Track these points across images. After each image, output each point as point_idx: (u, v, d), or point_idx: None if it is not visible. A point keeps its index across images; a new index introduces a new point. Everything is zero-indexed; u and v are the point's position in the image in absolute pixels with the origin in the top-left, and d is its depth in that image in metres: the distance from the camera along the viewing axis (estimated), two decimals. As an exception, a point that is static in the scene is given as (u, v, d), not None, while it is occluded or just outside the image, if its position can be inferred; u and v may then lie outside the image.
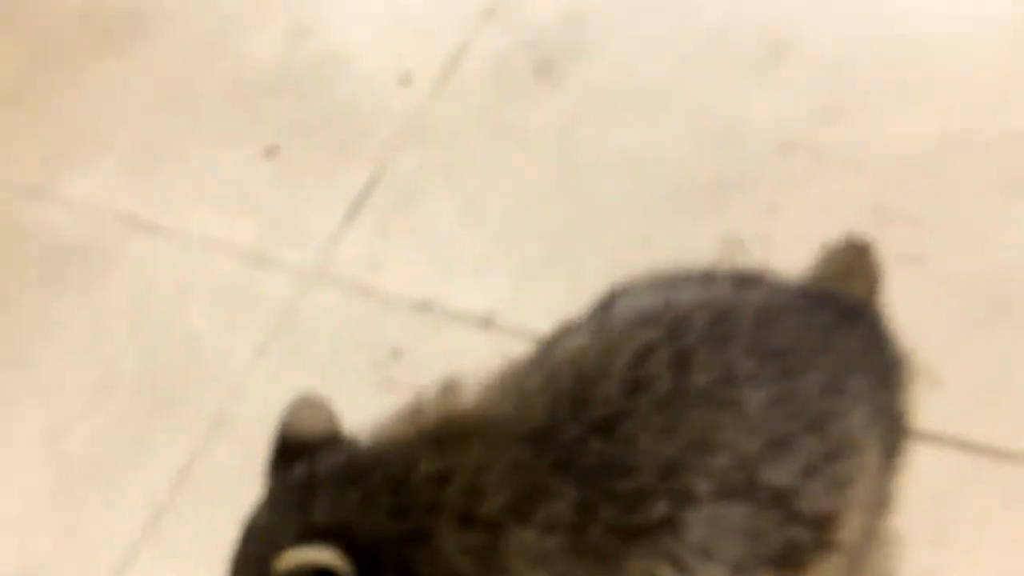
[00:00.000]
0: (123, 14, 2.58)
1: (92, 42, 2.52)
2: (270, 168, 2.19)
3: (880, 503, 1.15)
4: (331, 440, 1.11)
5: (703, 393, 1.00)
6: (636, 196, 1.99)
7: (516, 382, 1.09)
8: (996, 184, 1.84)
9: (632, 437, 0.99)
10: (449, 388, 1.11)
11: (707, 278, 1.14)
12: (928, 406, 1.33)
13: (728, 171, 1.97)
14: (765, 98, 2.06)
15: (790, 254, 1.51)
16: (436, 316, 1.89)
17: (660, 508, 0.98)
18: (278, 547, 1.02)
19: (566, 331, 1.13)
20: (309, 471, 1.07)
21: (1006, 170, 1.85)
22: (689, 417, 1.00)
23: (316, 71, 2.36)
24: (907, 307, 1.37)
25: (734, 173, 1.96)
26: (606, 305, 1.13)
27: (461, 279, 1.92)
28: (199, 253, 2.08)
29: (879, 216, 1.84)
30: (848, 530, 1.06)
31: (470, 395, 1.10)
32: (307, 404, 1.16)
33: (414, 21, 2.41)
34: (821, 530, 1.04)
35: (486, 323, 1.85)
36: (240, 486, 1.77)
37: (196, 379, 1.91)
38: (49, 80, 2.47)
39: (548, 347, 1.12)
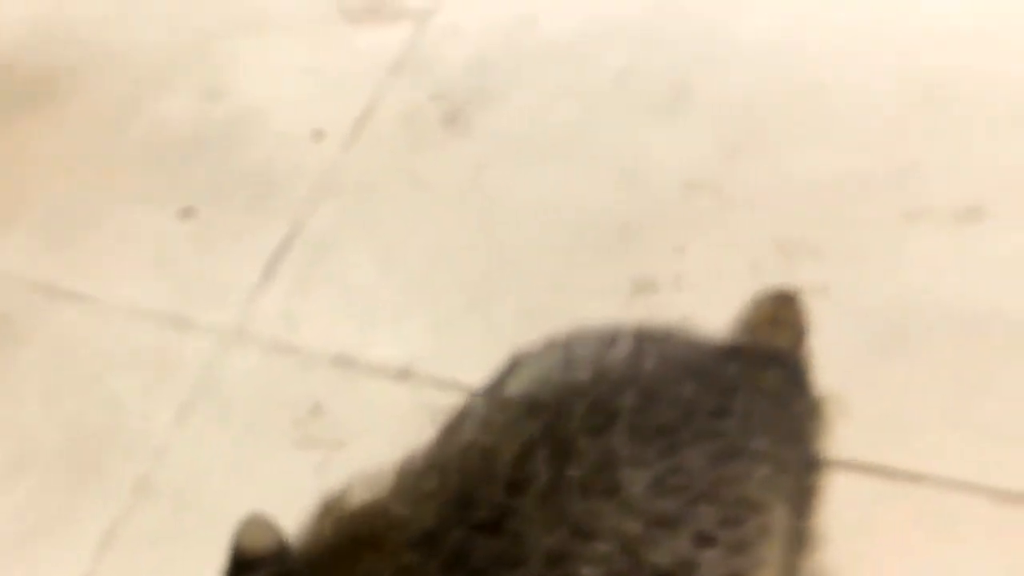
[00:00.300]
0: (34, 78, 2.58)
1: (6, 107, 2.52)
2: (186, 229, 2.20)
3: (799, 546, 1.18)
4: (276, 555, 1.14)
5: (582, 482, 1.03)
6: (548, 241, 2.03)
7: (411, 482, 1.12)
8: (892, 217, 1.92)
9: (518, 532, 1.03)
10: (347, 491, 1.14)
11: (608, 340, 1.16)
12: (839, 435, 1.37)
13: (636, 213, 2.02)
14: (669, 140, 2.12)
15: (699, 291, 1.56)
16: (355, 370, 1.91)
17: None
18: None
19: (461, 417, 1.16)
20: None
21: (900, 204, 1.93)
22: (571, 507, 1.03)
23: (229, 131, 2.38)
24: (813, 338, 1.42)
25: (641, 214, 2.02)
26: (503, 376, 1.16)
27: (379, 331, 1.94)
28: (117, 318, 2.08)
29: (782, 250, 1.90)
30: None
31: (365, 496, 1.13)
32: (255, 523, 1.20)
33: (324, 77, 2.44)
34: None
35: (404, 374, 1.87)
36: (164, 550, 1.78)
37: (118, 445, 1.90)
38: (-38, 147, 2.47)
39: (445, 437, 1.15)
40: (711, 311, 1.33)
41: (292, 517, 1.74)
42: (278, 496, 1.77)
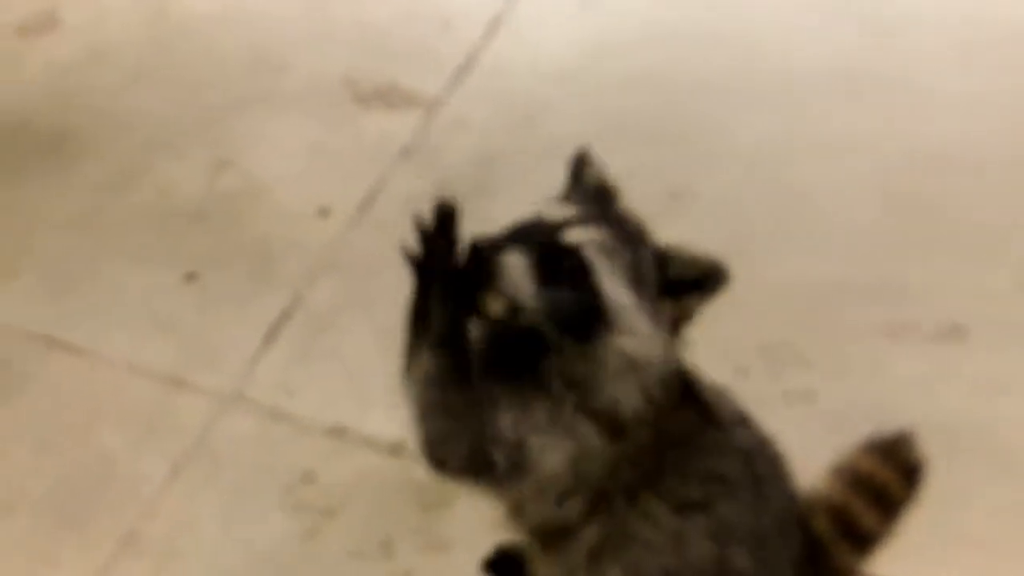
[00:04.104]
0: (47, 137, 2.64)
1: (14, 164, 2.57)
2: (189, 293, 2.24)
3: None
4: None
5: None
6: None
7: None
8: (876, 330, 1.99)
9: None
10: None
11: None
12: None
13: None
14: (661, 239, 2.19)
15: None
16: (349, 441, 1.95)
17: None
18: None
19: None
20: None
21: (884, 317, 2.01)
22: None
23: (235, 201, 2.44)
24: (792, 441, 1.49)
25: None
26: None
27: (374, 406, 1.98)
28: (115, 374, 2.11)
29: (768, 356, 1.98)
30: None
31: None
32: None
33: (332, 157, 2.52)
34: None
35: (397, 449, 1.91)
36: (147, 607, 1.79)
37: (106, 498, 1.93)
38: (-34, 199, 2.52)
39: None
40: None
41: (278, 581, 1.78)
42: (265, 559, 1.82)
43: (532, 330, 1.27)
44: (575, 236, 1.30)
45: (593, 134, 2.48)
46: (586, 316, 1.26)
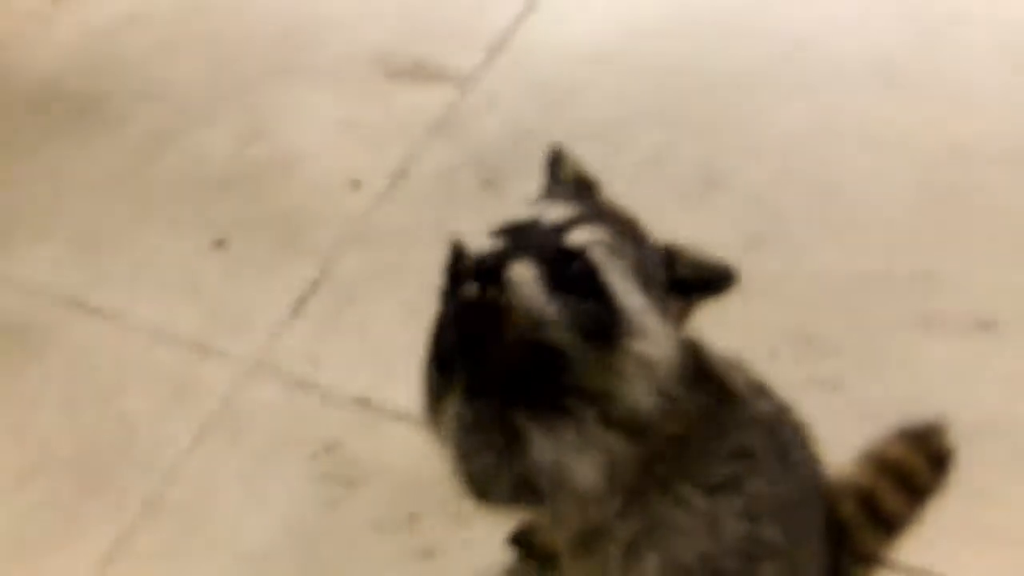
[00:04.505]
0: (79, 102, 2.64)
1: (46, 128, 2.57)
2: (217, 260, 2.24)
3: None
4: None
5: None
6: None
7: None
8: (907, 321, 1.97)
9: None
10: None
11: None
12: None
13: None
14: (695, 225, 2.14)
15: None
16: (375, 413, 1.94)
17: None
18: None
19: None
20: None
21: (915, 309, 1.99)
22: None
23: (266, 171, 2.44)
24: (818, 428, 1.49)
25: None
26: None
27: (401, 378, 1.95)
28: (141, 338, 2.11)
29: (799, 342, 1.96)
30: None
31: None
32: None
33: (363, 130, 2.51)
34: None
35: (422, 422, 1.90)
36: (166, 570, 1.79)
37: (130, 462, 1.93)
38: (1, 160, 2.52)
39: None
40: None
41: (300, 549, 1.78)
42: (287, 528, 1.82)
43: (550, 348, 1.23)
44: (579, 237, 1.26)
45: (625, 117, 2.50)
46: (606, 323, 1.23)
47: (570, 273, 1.23)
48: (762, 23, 2.65)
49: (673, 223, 2.17)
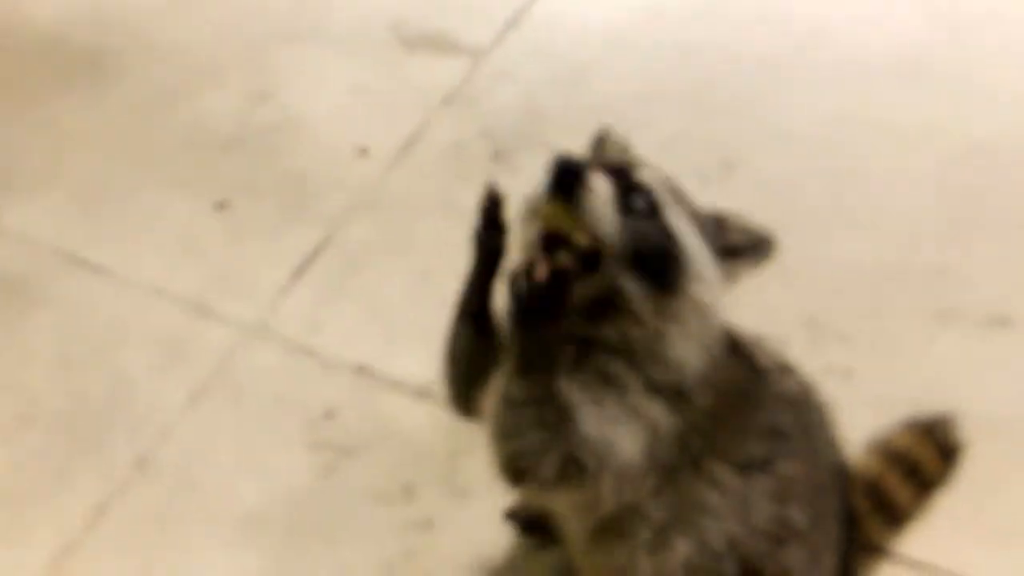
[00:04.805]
0: (85, 57, 2.60)
1: (51, 79, 2.53)
2: (219, 221, 2.20)
3: None
4: None
5: None
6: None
7: None
8: (922, 314, 1.94)
9: None
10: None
11: None
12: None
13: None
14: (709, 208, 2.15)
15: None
16: (374, 382, 1.90)
17: None
18: None
19: None
20: None
21: (930, 302, 1.95)
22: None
23: (272, 134, 2.39)
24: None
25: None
26: None
27: (403, 348, 1.94)
28: (139, 296, 2.07)
29: (811, 330, 1.92)
30: None
31: None
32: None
33: (374, 98, 2.47)
34: None
35: (423, 393, 1.87)
36: (155, 530, 1.75)
37: (122, 420, 1.89)
38: (1, 109, 2.47)
39: None
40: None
41: (292, 516, 1.74)
42: (280, 493, 1.78)
43: (609, 288, 1.21)
44: (646, 175, 1.24)
45: (638, 97, 2.45)
46: (668, 255, 1.21)
47: (637, 205, 1.22)
48: (787, 9, 2.61)
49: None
